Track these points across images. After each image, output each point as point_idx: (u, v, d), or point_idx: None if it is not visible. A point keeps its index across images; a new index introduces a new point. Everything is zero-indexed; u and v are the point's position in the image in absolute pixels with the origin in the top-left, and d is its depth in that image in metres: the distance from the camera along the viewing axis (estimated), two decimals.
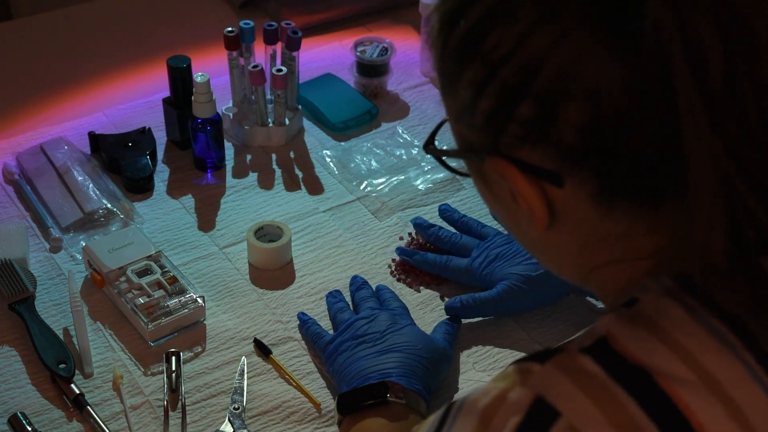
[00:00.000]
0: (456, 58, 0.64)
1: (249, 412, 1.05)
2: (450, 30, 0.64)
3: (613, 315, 0.63)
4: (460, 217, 1.26)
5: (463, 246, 1.21)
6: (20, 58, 1.62)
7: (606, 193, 0.62)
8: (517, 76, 0.60)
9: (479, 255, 1.18)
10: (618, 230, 0.65)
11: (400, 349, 1.03)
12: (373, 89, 1.53)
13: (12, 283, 1.15)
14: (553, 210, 0.65)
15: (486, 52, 0.61)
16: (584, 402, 0.58)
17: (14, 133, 1.45)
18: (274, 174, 1.39)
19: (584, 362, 0.60)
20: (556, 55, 0.59)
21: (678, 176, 0.58)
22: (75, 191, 1.30)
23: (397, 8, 1.75)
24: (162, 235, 1.27)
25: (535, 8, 0.59)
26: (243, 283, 1.21)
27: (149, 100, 1.51)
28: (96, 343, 1.12)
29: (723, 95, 0.55)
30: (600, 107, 0.59)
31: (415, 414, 0.97)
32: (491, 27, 0.61)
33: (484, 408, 0.61)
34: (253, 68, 1.35)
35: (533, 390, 0.60)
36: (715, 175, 0.56)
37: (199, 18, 1.74)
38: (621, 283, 0.67)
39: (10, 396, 1.06)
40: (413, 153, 1.42)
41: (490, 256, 1.17)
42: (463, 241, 1.22)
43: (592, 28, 0.58)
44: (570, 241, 0.67)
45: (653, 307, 0.62)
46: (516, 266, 1.14)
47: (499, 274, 1.14)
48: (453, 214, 1.27)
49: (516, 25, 0.60)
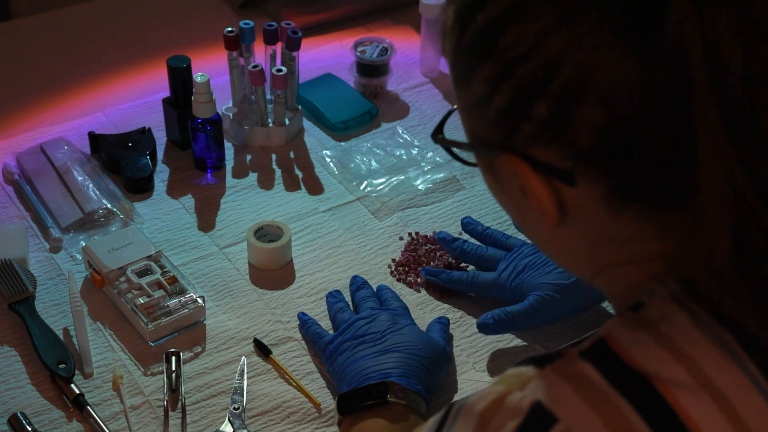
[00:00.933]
0: (471, 53, 0.64)
1: (249, 412, 1.05)
2: (466, 23, 0.63)
3: (617, 319, 0.63)
4: (483, 229, 1.23)
5: (490, 258, 1.18)
6: (20, 58, 1.62)
7: (618, 195, 0.62)
8: (535, 75, 0.60)
9: (507, 267, 1.14)
10: (628, 232, 0.64)
11: (400, 349, 1.03)
12: (373, 89, 1.53)
13: (12, 283, 1.15)
14: (564, 209, 0.65)
15: (503, 49, 0.61)
16: (582, 407, 0.58)
17: (14, 133, 1.45)
18: (274, 174, 1.39)
19: (583, 367, 0.60)
20: (576, 55, 0.58)
21: (690, 182, 0.58)
22: (75, 191, 1.30)
23: (397, 8, 1.75)
24: (162, 235, 1.28)
25: (556, 7, 0.59)
26: (243, 283, 1.21)
27: (149, 100, 1.51)
28: (96, 343, 1.12)
29: (741, 106, 0.55)
30: (617, 109, 0.58)
31: (416, 414, 0.97)
32: (510, 24, 0.60)
33: (483, 411, 0.61)
34: (253, 68, 1.35)
35: (532, 394, 0.59)
36: (726, 186, 0.56)
37: (199, 18, 1.74)
38: (629, 284, 0.66)
39: (10, 396, 1.06)
40: (413, 153, 1.42)
41: (519, 266, 1.13)
42: (489, 253, 1.18)
43: (613, 29, 0.57)
44: (580, 239, 0.67)
45: (658, 312, 0.61)
46: (547, 275, 1.10)
47: (529, 284, 1.10)
48: (476, 226, 1.24)
49: (535, 23, 0.59)
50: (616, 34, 0.57)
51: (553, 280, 1.09)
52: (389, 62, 1.51)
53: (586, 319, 1.14)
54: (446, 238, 1.23)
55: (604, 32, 0.57)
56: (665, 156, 0.59)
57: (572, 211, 0.65)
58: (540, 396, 0.59)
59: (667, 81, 0.57)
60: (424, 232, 1.28)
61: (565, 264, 0.73)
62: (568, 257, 0.72)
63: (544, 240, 0.71)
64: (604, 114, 0.59)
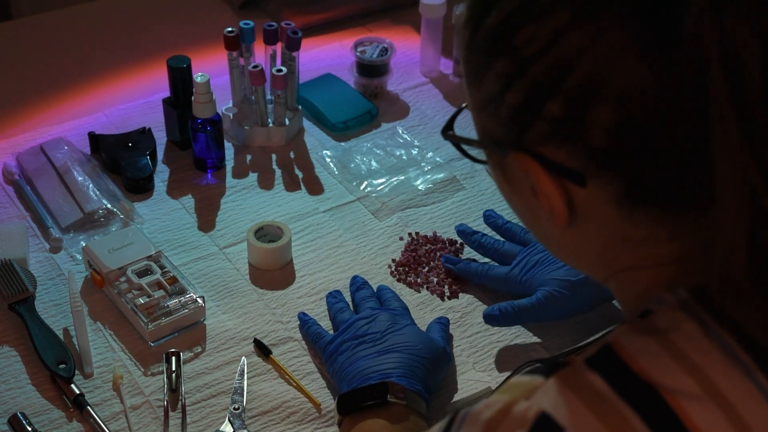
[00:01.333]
0: (484, 50, 0.63)
1: (249, 412, 1.05)
2: (480, 20, 0.63)
3: (625, 327, 0.62)
4: (504, 222, 1.23)
5: (506, 253, 1.18)
6: (20, 58, 1.62)
7: (630, 197, 0.61)
8: (549, 74, 0.59)
9: (520, 262, 1.14)
10: (640, 234, 0.64)
11: (401, 349, 1.03)
12: (373, 89, 1.53)
13: (12, 283, 1.15)
14: (574, 209, 0.64)
15: (517, 47, 0.60)
16: (589, 418, 0.58)
17: (14, 133, 1.45)
18: (274, 174, 1.39)
19: (590, 377, 0.59)
20: (590, 55, 0.58)
21: (705, 186, 0.57)
22: (75, 191, 1.30)
23: (397, 8, 1.75)
24: (162, 235, 1.28)
25: (572, 5, 0.58)
26: (243, 283, 1.21)
27: (149, 100, 1.51)
28: (96, 343, 1.12)
29: (758, 108, 0.54)
30: (631, 110, 0.58)
31: (416, 415, 0.97)
32: (524, 21, 0.60)
33: (488, 420, 0.60)
34: (253, 68, 1.35)
35: (538, 404, 0.59)
36: (742, 192, 0.55)
37: (199, 18, 1.74)
38: (640, 290, 0.66)
39: (10, 396, 1.06)
40: (413, 153, 1.42)
41: (531, 262, 1.13)
42: (505, 247, 1.19)
43: (629, 28, 0.57)
44: (589, 241, 0.67)
45: (667, 320, 0.61)
46: (556, 271, 1.10)
47: (538, 280, 1.11)
48: (497, 219, 1.24)
49: (550, 21, 0.59)
50: (632, 34, 0.57)
51: (562, 277, 1.09)
52: (389, 62, 1.51)
53: (588, 319, 1.14)
54: (465, 230, 1.24)
55: (619, 32, 0.57)
56: (679, 159, 0.58)
57: (582, 211, 0.64)
58: (546, 406, 0.59)
59: (683, 83, 0.56)
60: (424, 232, 1.28)
61: (576, 265, 0.73)
62: (578, 258, 0.71)
63: (553, 240, 0.71)
64: (617, 115, 0.58)
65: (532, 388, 0.60)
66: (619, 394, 0.58)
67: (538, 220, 0.69)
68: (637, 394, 0.58)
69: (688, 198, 0.60)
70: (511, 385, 0.62)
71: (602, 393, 0.58)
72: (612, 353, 0.60)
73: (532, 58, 0.60)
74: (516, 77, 0.61)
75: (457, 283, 1.20)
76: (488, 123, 0.66)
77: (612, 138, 0.59)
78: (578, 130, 0.60)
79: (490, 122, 0.66)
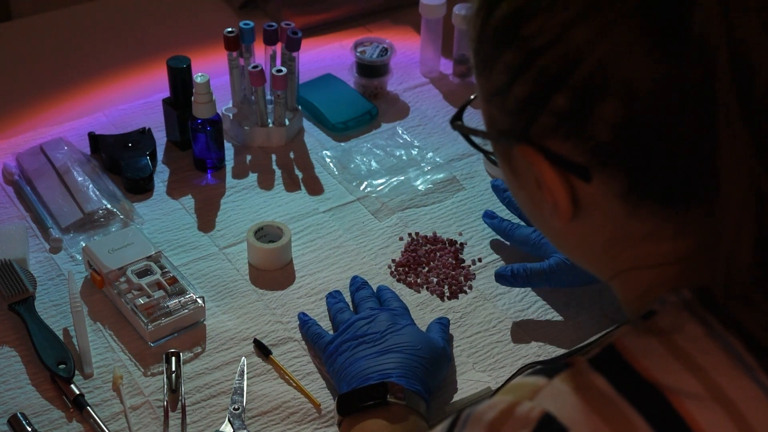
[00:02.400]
0: (494, 41, 0.63)
1: (249, 412, 1.05)
2: (490, 11, 0.63)
3: (628, 327, 0.62)
4: (500, 221, 1.24)
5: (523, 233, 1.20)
6: (20, 58, 1.62)
7: (634, 192, 0.61)
8: (556, 66, 0.59)
9: None
10: (643, 230, 0.64)
11: (400, 349, 1.03)
12: (373, 90, 1.53)
13: (12, 284, 1.15)
14: (578, 203, 0.64)
15: (526, 38, 0.60)
16: (593, 419, 0.57)
17: (14, 134, 1.45)
18: (274, 174, 1.39)
19: (593, 378, 0.59)
20: (599, 49, 0.58)
21: (710, 183, 0.57)
22: (75, 192, 1.30)
23: (397, 8, 1.75)
24: (162, 235, 1.28)
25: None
26: (243, 283, 1.21)
27: (149, 101, 1.51)
28: (96, 344, 1.12)
29: (765, 107, 0.54)
30: (637, 106, 0.58)
31: (415, 415, 0.97)
32: (534, 13, 0.60)
33: (492, 420, 0.60)
34: (253, 69, 1.35)
35: (541, 405, 0.59)
36: (748, 191, 0.55)
37: (199, 18, 1.74)
38: (644, 289, 0.66)
39: (10, 396, 1.06)
40: (413, 153, 1.42)
41: None
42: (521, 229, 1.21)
43: (637, 25, 0.57)
44: (593, 236, 0.67)
45: (670, 321, 0.61)
46: None
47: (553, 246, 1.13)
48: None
49: (560, 13, 0.59)
50: (640, 30, 0.56)
51: None
52: (389, 62, 1.51)
53: (586, 320, 1.14)
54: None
55: (628, 27, 0.57)
56: (685, 157, 0.58)
57: (586, 206, 0.64)
58: (550, 407, 0.58)
59: (690, 80, 0.56)
60: (424, 232, 1.28)
61: (580, 261, 0.73)
62: (582, 253, 0.71)
63: (557, 234, 0.71)
64: (623, 110, 0.58)
65: (535, 389, 0.60)
66: (622, 394, 0.58)
67: (542, 214, 0.68)
68: (641, 395, 0.58)
69: (693, 196, 0.60)
70: (514, 385, 0.62)
71: (606, 394, 0.58)
72: (615, 354, 0.60)
73: (540, 49, 0.60)
74: (524, 68, 0.61)
75: (457, 283, 1.20)
76: (496, 114, 0.66)
77: (617, 133, 0.59)
78: (584, 123, 0.60)
79: (497, 113, 0.66)
